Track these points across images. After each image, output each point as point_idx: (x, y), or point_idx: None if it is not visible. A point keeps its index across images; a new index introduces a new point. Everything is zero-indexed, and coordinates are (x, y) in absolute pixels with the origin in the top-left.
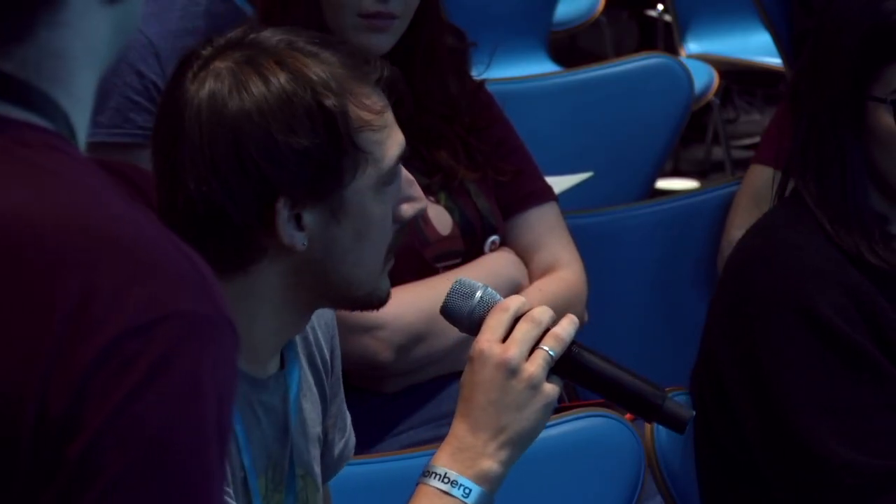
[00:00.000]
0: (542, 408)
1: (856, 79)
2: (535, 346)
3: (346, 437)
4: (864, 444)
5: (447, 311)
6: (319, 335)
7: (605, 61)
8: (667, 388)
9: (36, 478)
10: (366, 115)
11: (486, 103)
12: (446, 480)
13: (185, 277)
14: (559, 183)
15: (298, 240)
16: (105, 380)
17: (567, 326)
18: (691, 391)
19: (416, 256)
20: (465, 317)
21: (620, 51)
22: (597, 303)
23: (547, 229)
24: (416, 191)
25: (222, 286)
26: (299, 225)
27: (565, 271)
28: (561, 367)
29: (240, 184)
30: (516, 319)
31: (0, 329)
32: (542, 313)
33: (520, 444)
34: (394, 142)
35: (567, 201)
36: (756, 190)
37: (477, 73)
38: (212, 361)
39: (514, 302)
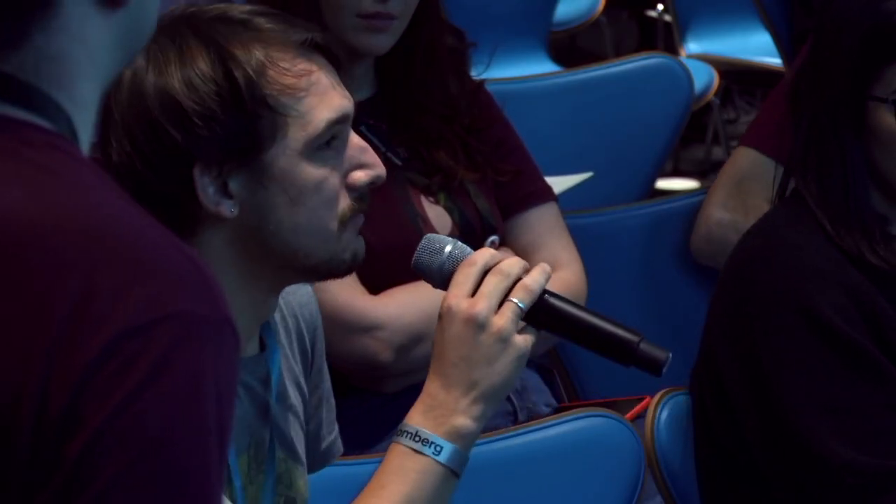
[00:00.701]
0: (513, 360)
1: (856, 79)
2: (505, 298)
3: (336, 434)
4: (864, 443)
5: (417, 266)
6: (302, 324)
7: (605, 61)
8: (667, 389)
9: (35, 477)
10: (285, 79)
11: (485, 103)
12: (417, 439)
13: (185, 278)
14: (559, 183)
15: (226, 207)
16: (105, 379)
17: (537, 276)
18: (691, 391)
19: None
20: (435, 272)
21: (620, 51)
22: (597, 302)
23: (546, 229)
24: (370, 157)
25: None
26: (227, 192)
27: (565, 271)
28: (533, 316)
29: (155, 153)
30: (486, 272)
31: (0, 328)
32: (511, 265)
33: (493, 398)
34: (326, 105)
35: (567, 201)
36: (739, 170)
37: (477, 73)
38: (212, 362)
39: (483, 256)
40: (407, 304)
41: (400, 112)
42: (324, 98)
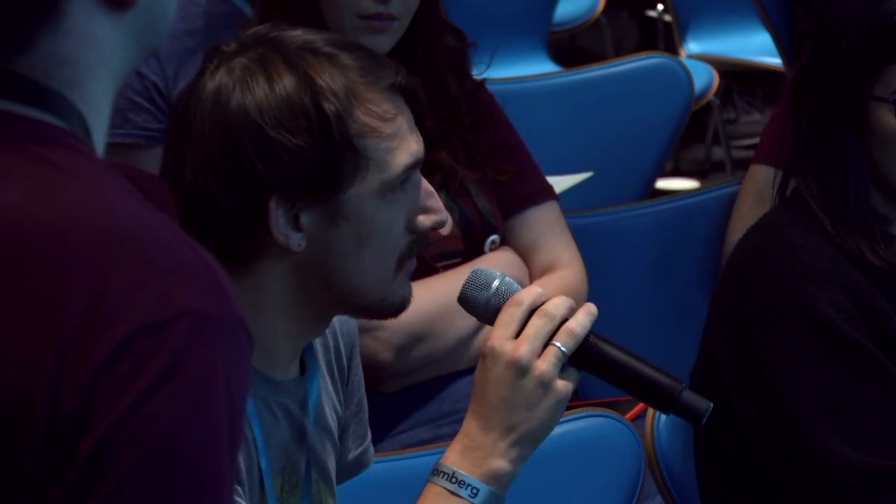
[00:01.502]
0: (553, 405)
1: (857, 78)
2: (549, 341)
3: (365, 446)
4: (865, 443)
5: (464, 300)
6: (340, 343)
7: (605, 61)
8: None
9: (47, 473)
10: (372, 122)
11: (486, 103)
12: (454, 480)
13: (198, 277)
14: (559, 183)
15: (294, 240)
16: (117, 378)
17: (582, 319)
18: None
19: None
20: (481, 306)
21: (620, 51)
22: (597, 302)
23: (547, 228)
24: (436, 203)
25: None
26: (297, 225)
27: (565, 271)
28: (576, 358)
29: (234, 179)
30: (532, 312)
31: (13, 326)
32: (557, 307)
33: (531, 442)
34: (405, 150)
35: (567, 201)
36: (759, 190)
37: (477, 73)
38: (224, 361)
39: (529, 295)
40: None
41: None
42: (403, 142)
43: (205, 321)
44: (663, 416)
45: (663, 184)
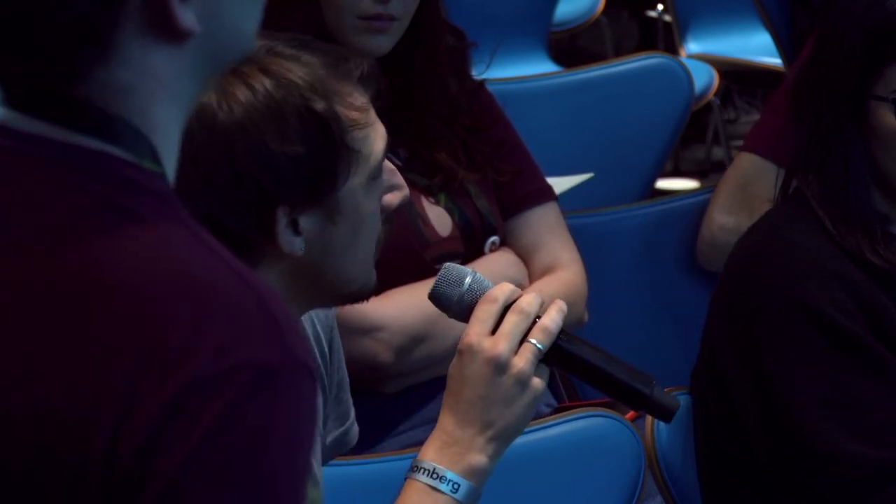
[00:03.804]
0: (529, 402)
1: (858, 78)
2: (525, 337)
3: (347, 426)
4: (866, 437)
5: (435, 297)
6: (319, 329)
7: (605, 61)
8: (667, 388)
9: None
10: (353, 115)
11: (486, 104)
12: (434, 476)
13: (256, 325)
14: (559, 183)
15: (297, 245)
16: (174, 431)
17: (555, 316)
18: (692, 391)
19: (415, 258)
20: (453, 304)
21: (620, 51)
22: (597, 302)
23: (547, 229)
24: (398, 179)
25: None
26: (297, 230)
27: (565, 271)
28: (548, 356)
29: (237, 195)
30: (506, 309)
31: (74, 374)
32: (530, 304)
33: (507, 437)
34: (378, 136)
35: (567, 201)
36: (742, 175)
37: (477, 73)
38: (283, 411)
39: (503, 291)
40: (407, 305)
41: (400, 112)
42: (376, 129)
43: (261, 371)
44: None
45: (663, 184)
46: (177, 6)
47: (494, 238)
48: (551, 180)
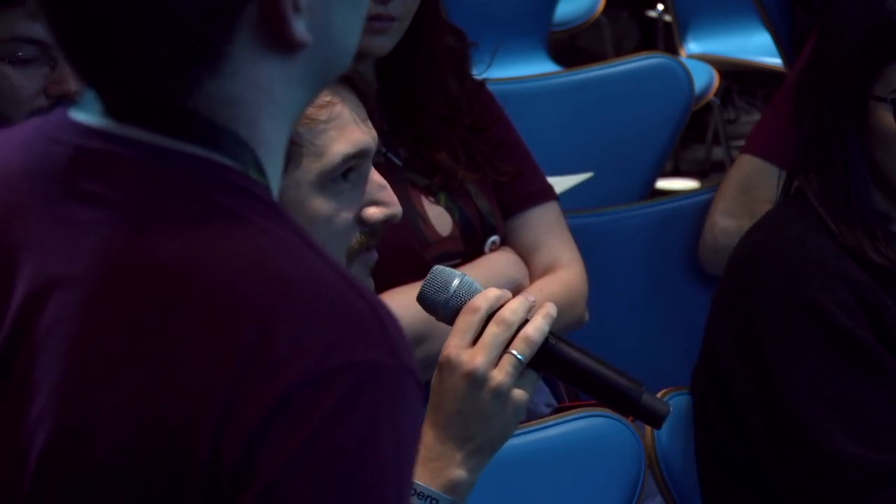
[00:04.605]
0: (510, 415)
1: (858, 77)
2: (507, 348)
3: None
4: (867, 438)
5: (422, 300)
6: None
7: (605, 61)
8: (667, 388)
9: None
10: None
11: (486, 103)
12: (413, 492)
13: (365, 325)
14: (559, 183)
15: None
16: (280, 430)
17: (540, 324)
18: (693, 390)
19: (415, 257)
20: (440, 307)
21: (620, 51)
22: (597, 302)
23: (547, 229)
24: (388, 196)
25: None
26: None
27: (565, 271)
28: (535, 361)
29: None
30: (490, 317)
31: (177, 371)
32: (514, 312)
33: (488, 451)
34: (345, 139)
35: (567, 201)
36: (743, 178)
37: (477, 73)
38: (391, 412)
39: (486, 299)
40: (407, 305)
41: (400, 112)
42: (343, 132)
43: (369, 372)
44: None
45: (663, 184)
46: (292, 17)
47: (495, 237)
48: (551, 180)
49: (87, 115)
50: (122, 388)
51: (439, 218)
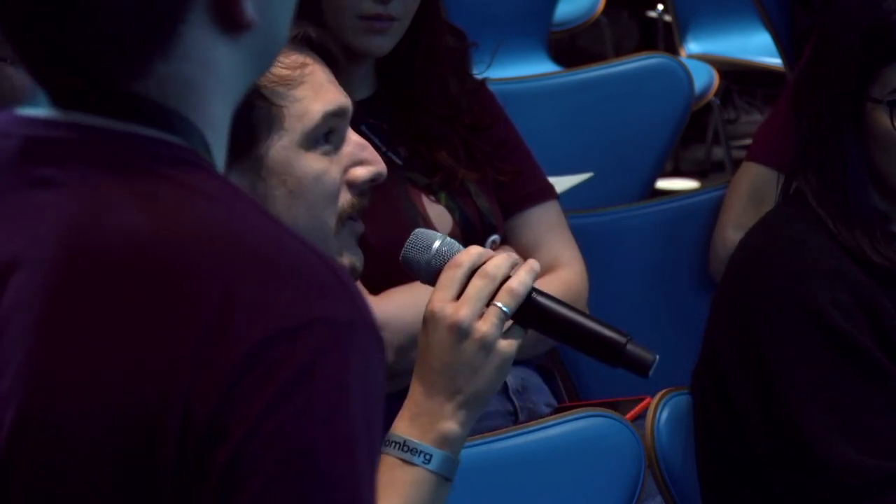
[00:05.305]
0: (497, 366)
1: (855, 79)
2: (491, 301)
3: None
4: (865, 443)
5: (405, 262)
6: None
7: (605, 61)
8: (667, 388)
9: (183, 487)
10: (280, 71)
11: (486, 102)
12: (406, 448)
13: (326, 282)
14: (559, 183)
15: None
16: (250, 386)
17: (524, 277)
18: (692, 391)
19: None
20: (423, 268)
21: (620, 51)
22: (597, 302)
23: (548, 228)
24: (370, 154)
25: None
26: None
27: (566, 270)
28: (520, 316)
29: None
30: (473, 273)
31: (143, 339)
32: (498, 266)
33: (476, 403)
34: (322, 98)
35: (567, 201)
36: (748, 187)
37: (477, 73)
38: (357, 365)
39: (470, 256)
40: (407, 304)
41: (400, 112)
42: (319, 91)
43: (336, 327)
44: (663, 416)
45: (663, 184)
46: None
47: (495, 237)
48: (551, 180)
49: (34, 108)
50: (88, 362)
51: (440, 217)
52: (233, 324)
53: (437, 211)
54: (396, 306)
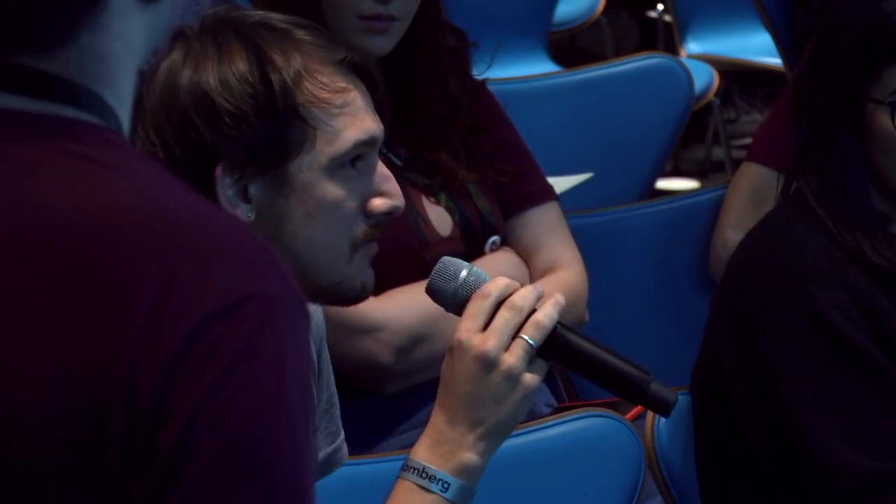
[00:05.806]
0: (520, 399)
1: (855, 80)
2: (517, 333)
3: (337, 444)
4: (864, 444)
5: (432, 291)
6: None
7: (605, 61)
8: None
9: (130, 470)
10: (320, 92)
11: (487, 103)
12: (424, 475)
13: (259, 259)
14: (559, 183)
15: (243, 210)
16: (191, 367)
17: (550, 311)
18: (692, 391)
19: (416, 258)
20: (449, 297)
21: (620, 51)
22: (597, 303)
23: (547, 229)
24: (392, 187)
25: None
26: (246, 197)
27: (566, 271)
28: (544, 350)
29: (181, 146)
30: (500, 304)
31: (83, 327)
32: (525, 298)
33: (498, 435)
34: (357, 126)
35: (567, 201)
36: (748, 188)
37: (477, 73)
38: (293, 339)
39: (496, 287)
40: (407, 305)
41: (400, 112)
42: (355, 118)
43: (272, 302)
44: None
45: (663, 184)
46: None
47: (495, 238)
48: (551, 180)
49: None
50: (31, 346)
51: (439, 218)
52: (172, 304)
53: (437, 212)
54: (396, 307)
